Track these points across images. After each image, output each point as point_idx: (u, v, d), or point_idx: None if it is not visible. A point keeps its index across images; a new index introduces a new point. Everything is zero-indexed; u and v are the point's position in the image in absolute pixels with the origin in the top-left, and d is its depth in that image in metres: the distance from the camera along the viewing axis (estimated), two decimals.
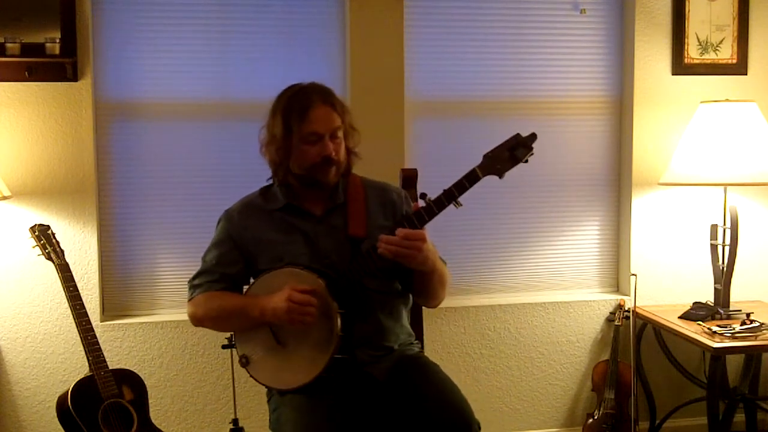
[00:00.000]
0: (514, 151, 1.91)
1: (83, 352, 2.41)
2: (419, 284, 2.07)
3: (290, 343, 1.99)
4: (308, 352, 1.96)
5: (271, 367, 2.02)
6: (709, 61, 3.16)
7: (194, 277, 2.14)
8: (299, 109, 2.00)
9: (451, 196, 1.92)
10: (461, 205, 1.93)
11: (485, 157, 1.93)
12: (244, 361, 2.05)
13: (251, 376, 2.06)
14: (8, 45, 2.65)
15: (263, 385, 2.06)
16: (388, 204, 2.16)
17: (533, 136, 1.92)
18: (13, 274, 2.80)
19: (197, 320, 2.11)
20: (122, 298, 2.98)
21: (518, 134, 1.93)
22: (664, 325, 2.94)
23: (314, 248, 2.06)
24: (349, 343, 1.95)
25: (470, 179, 1.92)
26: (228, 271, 2.11)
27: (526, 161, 1.93)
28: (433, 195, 1.93)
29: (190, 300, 2.13)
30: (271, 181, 2.16)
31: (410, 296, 2.21)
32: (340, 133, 2.05)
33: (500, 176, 1.93)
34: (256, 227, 2.11)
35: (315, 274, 1.95)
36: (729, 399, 3.10)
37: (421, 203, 1.94)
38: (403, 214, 2.16)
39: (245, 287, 2.14)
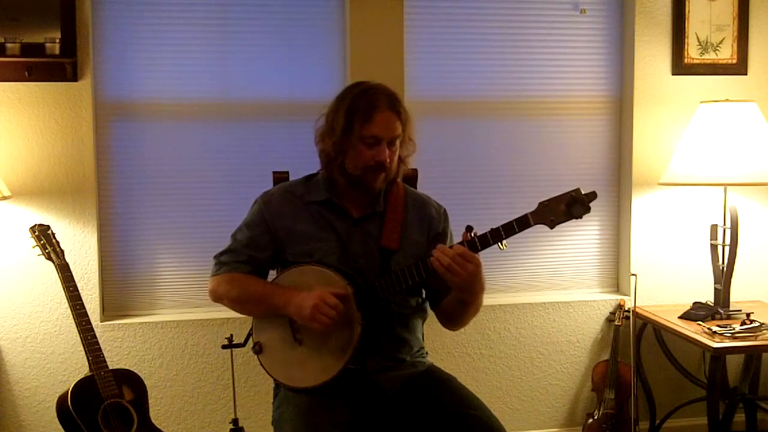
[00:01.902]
0: (571, 207, 1.86)
1: (83, 352, 2.41)
2: (452, 308, 2.05)
3: (306, 343, 1.99)
4: (322, 357, 1.95)
5: (283, 362, 2.02)
6: (709, 61, 3.16)
7: (221, 254, 2.13)
8: (365, 110, 1.98)
9: (498, 236, 1.88)
10: (506, 247, 1.89)
11: (541, 205, 1.88)
12: (257, 349, 2.05)
13: (261, 364, 2.06)
14: (8, 45, 2.65)
15: (271, 376, 2.06)
16: (425, 219, 2.15)
17: (593, 195, 1.87)
18: (13, 274, 2.80)
19: (217, 297, 2.11)
20: (122, 298, 2.98)
21: (578, 189, 1.87)
22: (664, 325, 2.94)
23: (345, 250, 2.05)
24: (363, 354, 1.94)
25: (521, 224, 1.88)
26: (256, 254, 2.09)
27: (581, 218, 1.87)
28: (479, 231, 1.90)
29: (213, 275, 2.12)
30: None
31: (428, 309, 2.19)
32: (398, 142, 2.03)
33: (551, 227, 1.89)
34: (291, 216, 2.09)
35: (344, 280, 1.94)
36: (729, 399, 3.10)
37: (466, 237, 1.90)
38: (439, 232, 2.15)
39: (272, 272, 2.14)
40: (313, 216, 2.09)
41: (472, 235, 1.89)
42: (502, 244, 1.89)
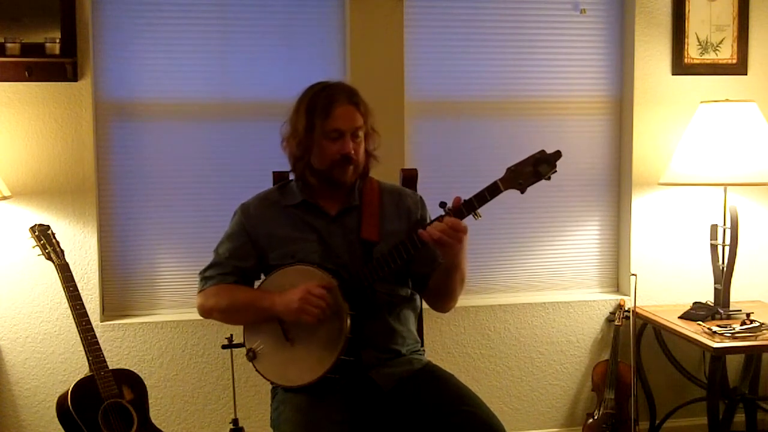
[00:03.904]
0: (538, 167, 1.90)
1: (83, 352, 2.41)
2: (440, 281, 2.06)
3: (298, 341, 2.00)
4: (315, 351, 1.96)
5: (278, 363, 2.03)
6: (709, 61, 3.16)
7: (206, 269, 2.15)
8: (323, 106, 2.01)
9: (471, 207, 1.90)
10: (480, 216, 1.91)
11: (508, 170, 1.91)
12: (251, 355, 2.06)
13: (257, 370, 2.06)
14: (8, 45, 2.65)
15: (268, 380, 2.07)
16: (403, 209, 2.16)
17: (558, 154, 1.90)
18: (13, 274, 2.80)
19: (206, 312, 2.12)
20: (122, 298, 2.98)
21: (543, 150, 1.91)
22: (664, 325, 2.94)
23: (326, 247, 2.07)
24: (357, 345, 1.95)
25: (491, 191, 1.90)
26: (240, 264, 2.11)
27: (549, 178, 1.91)
28: (451, 204, 1.91)
29: (200, 291, 2.14)
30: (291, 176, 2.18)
31: (418, 302, 2.21)
32: (361, 134, 2.06)
33: (522, 191, 1.91)
34: (269, 222, 2.12)
35: (328, 274, 1.96)
36: (729, 399, 3.10)
37: (440, 212, 1.92)
38: (418, 218, 2.16)
39: (256, 282, 2.15)
40: (291, 219, 2.11)
41: (447, 209, 1.91)
42: (476, 215, 1.91)
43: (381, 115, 2.94)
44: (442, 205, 1.91)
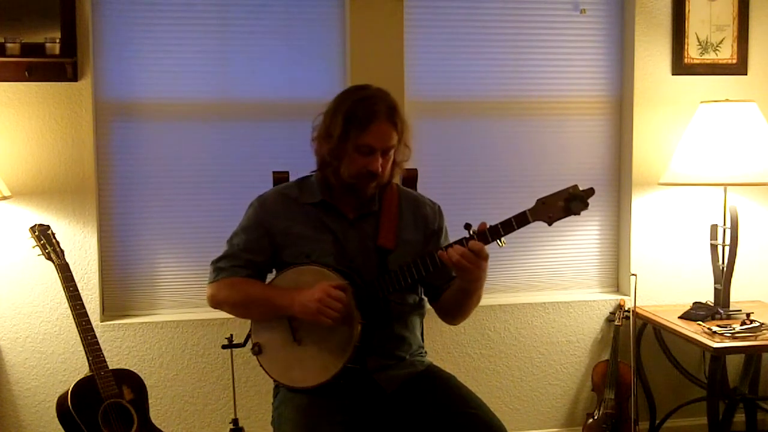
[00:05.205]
0: (570, 203, 1.86)
1: (83, 352, 2.41)
2: (456, 300, 2.06)
3: (306, 343, 1.99)
4: (322, 356, 1.96)
5: (283, 362, 2.03)
6: (709, 61, 3.16)
7: (218, 260, 2.13)
8: (362, 119, 1.97)
9: (497, 233, 1.89)
10: (505, 244, 1.89)
11: (538, 202, 1.89)
12: (257, 350, 2.06)
13: (261, 365, 2.06)
14: (8, 45, 2.65)
15: (271, 377, 2.06)
16: (420, 217, 2.16)
17: (591, 191, 1.87)
18: (13, 274, 2.80)
19: (216, 303, 2.10)
20: (122, 298, 2.98)
21: (576, 186, 1.88)
22: (664, 325, 2.94)
23: (341, 250, 2.06)
24: (363, 353, 1.95)
25: (519, 221, 1.88)
26: (254, 258, 2.10)
27: (579, 214, 1.87)
28: (476, 227, 1.90)
29: (212, 282, 2.11)
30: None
31: (425, 308, 2.21)
32: (392, 151, 2.04)
33: (549, 224, 1.89)
34: (286, 218, 2.10)
35: (342, 278, 1.95)
36: (729, 399, 3.10)
37: (464, 233, 1.90)
38: (435, 229, 2.16)
39: (269, 276, 2.15)
40: (308, 217, 2.10)
41: (471, 232, 1.89)
42: (501, 242, 1.89)
43: None
44: (467, 227, 1.89)
